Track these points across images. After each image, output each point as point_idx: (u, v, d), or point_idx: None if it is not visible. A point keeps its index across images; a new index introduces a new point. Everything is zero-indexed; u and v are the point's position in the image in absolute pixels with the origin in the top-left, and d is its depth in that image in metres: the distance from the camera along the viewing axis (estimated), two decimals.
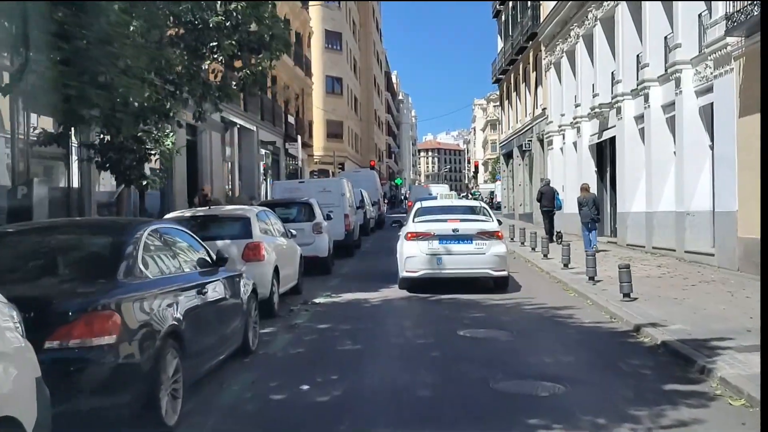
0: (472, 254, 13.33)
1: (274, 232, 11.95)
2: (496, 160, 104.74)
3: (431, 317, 10.91)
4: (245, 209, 11.26)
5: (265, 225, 11.53)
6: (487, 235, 13.47)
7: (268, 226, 11.71)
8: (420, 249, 13.39)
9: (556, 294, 13.02)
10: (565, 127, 28.53)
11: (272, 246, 11.20)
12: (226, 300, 7.35)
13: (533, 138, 34.86)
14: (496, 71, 45.42)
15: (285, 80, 38.37)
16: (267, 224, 11.71)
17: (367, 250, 23.42)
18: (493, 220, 14.24)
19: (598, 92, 23.96)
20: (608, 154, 24.80)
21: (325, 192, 20.64)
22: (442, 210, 14.94)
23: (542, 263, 17.43)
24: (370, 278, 15.86)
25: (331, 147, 54.25)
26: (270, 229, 11.77)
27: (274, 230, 12.07)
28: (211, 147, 25.53)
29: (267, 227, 11.61)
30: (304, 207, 16.90)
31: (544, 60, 31.82)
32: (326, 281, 15.37)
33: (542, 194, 23.66)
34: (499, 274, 13.48)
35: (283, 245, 12.08)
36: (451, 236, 13.41)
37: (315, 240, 16.27)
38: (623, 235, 21.71)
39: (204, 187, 18.85)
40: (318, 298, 12.73)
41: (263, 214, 11.85)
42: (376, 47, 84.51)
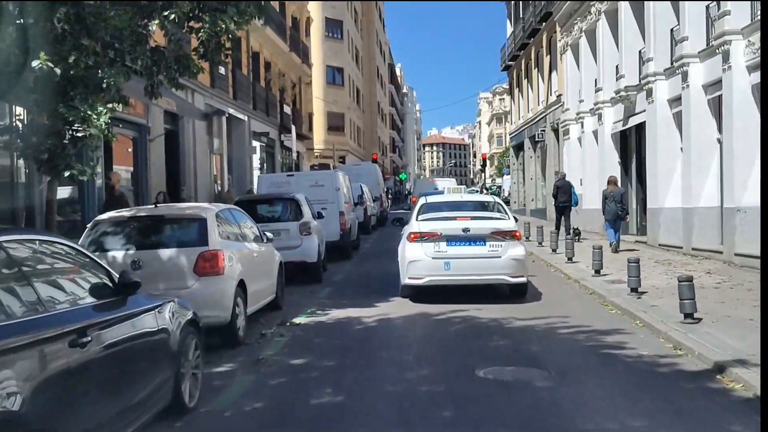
0: (486, 258, 11.04)
1: (242, 237, 9.51)
2: (503, 153, 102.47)
3: (440, 346, 8.47)
4: (202, 208, 8.80)
5: (229, 228, 9.10)
6: (503, 236, 11.12)
7: (233, 229, 9.27)
8: (425, 252, 11.04)
9: (594, 310, 10.57)
10: (584, 115, 26.00)
11: (237, 254, 8.78)
12: (136, 343, 4.93)
13: (547, 128, 32.34)
14: (505, 58, 42.85)
15: (280, 67, 35.92)
16: (232, 227, 9.27)
17: (366, 252, 20.99)
18: (510, 217, 11.82)
19: (623, 73, 21.44)
20: (634, 142, 22.31)
21: (318, 186, 18.21)
22: (450, 206, 12.52)
23: (567, 268, 14.96)
24: (368, 287, 13.46)
25: (332, 140, 51.81)
26: (236, 232, 9.33)
27: (243, 234, 9.63)
28: (195, 137, 23.08)
29: (231, 231, 9.17)
30: (289, 204, 14.46)
31: (560, 42, 29.26)
32: (315, 292, 12.96)
33: (558, 188, 21.77)
34: (517, 280, 11.17)
35: (255, 253, 9.65)
36: (461, 237, 11.08)
37: (302, 242, 13.86)
38: (654, 234, 19.22)
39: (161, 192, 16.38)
40: (300, 317, 10.32)
41: (228, 214, 9.41)
42: (378, 37, 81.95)
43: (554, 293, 12.19)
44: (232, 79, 27.69)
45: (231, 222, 9.28)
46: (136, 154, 19.23)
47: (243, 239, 9.43)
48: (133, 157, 19.23)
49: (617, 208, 17.25)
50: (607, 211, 17.61)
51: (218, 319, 8.04)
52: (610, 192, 17.62)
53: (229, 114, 27.40)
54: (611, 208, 17.38)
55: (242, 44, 29.17)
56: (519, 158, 42.66)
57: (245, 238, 9.58)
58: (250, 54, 30.33)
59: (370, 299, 11.79)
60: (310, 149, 51.83)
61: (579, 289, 12.65)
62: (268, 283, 10.23)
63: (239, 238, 9.32)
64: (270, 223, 13.94)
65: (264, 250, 10.31)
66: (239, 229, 9.47)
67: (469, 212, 12.04)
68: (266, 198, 15.70)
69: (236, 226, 9.40)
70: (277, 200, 15.04)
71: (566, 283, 13.45)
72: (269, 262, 10.47)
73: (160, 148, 20.26)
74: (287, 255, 13.42)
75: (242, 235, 9.48)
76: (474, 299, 11.32)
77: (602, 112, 23.55)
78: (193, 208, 8.98)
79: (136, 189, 19.20)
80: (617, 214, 17.33)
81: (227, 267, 8.24)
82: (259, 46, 31.89)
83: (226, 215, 9.22)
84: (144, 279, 7.03)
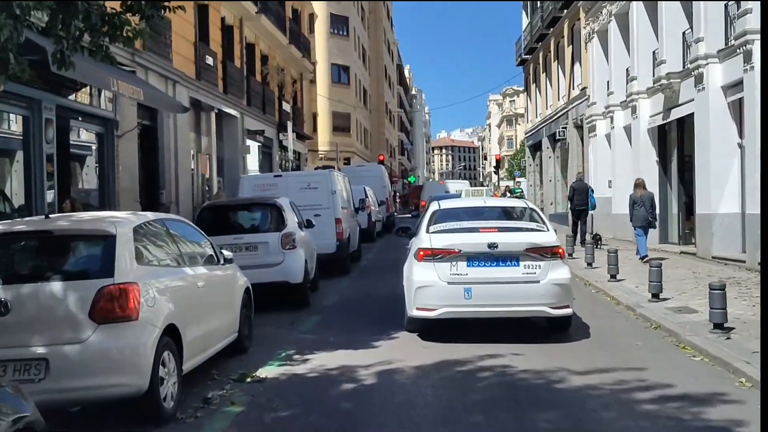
0: (520, 283, 8.33)
1: (181, 260, 6.72)
2: (513, 156, 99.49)
3: (466, 428, 5.68)
4: (114, 220, 6.00)
5: (156, 248, 6.32)
6: (542, 253, 8.39)
7: (165, 249, 6.49)
8: (438, 274, 8.33)
9: (672, 357, 7.73)
10: (614, 108, 23.16)
11: (167, 287, 6.03)
12: None
13: (569, 124, 29.48)
14: (520, 51, 40.00)
15: (279, 62, 33.24)
16: (163, 246, 6.48)
17: (368, 265, 18.20)
18: (549, 228, 9.00)
19: (664, 58, 18.60)
20: (676, 138, 19.49)
21: (310, 189, 15.46)
22: (470, 214, 9.67)
23: (613, 289, 12.13)
24: (366, 314, 10.73)
25: (337, 141, 49.12)
26: (170, 254, 6.55)
27: (185, 255, 6.84)
28: (176, 135, 20.38)
29: (161, 252, 6.40)
30: (268, 211, 11.69)
31: (585, 29, 26.42)
32: (298, 322, 10.21)
33: (574, 190, 20.17)
34: (561, 312, 8.47)
35: (201, 282, 6.85)
36: (487, 255, 8.35)
37: (284, 258, 11.09)
38: (706, 245, 16.34)
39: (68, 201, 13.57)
40: (268, 366, 7.58)
41: (158, 227, 6.63)
42: (386, 36, 79.27)
43: (606, 326, 9.39)
44: (223, 71, 25.01)
45: (162, 239, 6.51)
46: (102, 153, 16.52)
47: (182, 263, 6.66)
48: (98, 157, 16.54)
49: (647, 214, 15.60)
50: (635, 217, 15.83)
51: (128, 389, 5.32)
52: (639, 196, 15.87)
53: (219, 110, 24.77)
54: (640, 214, 15.69)
55: (234, 33, 26.54)
56: (536, 159, 39.80)
57: (187, 260, 6.80)
58: (243, 45, 27.67)
59: (368, 334, 9.06)
60: (314, 150, 49.23)
61: (636, 320, 9.82)
62: (225, 321, 7.48)
63: (176, 261, 6.56)
64: (244, 235, 11.25)
65: (220, 275, 7.57)
66: (177, 249, 6.69)
67: (496, 222, 9.27)
68: (239, 204, 12.94)
69: (171, 245, 6.62)
70: (253, 206, 12.29)
71: (617, 311, 10.61)
72: (227, 291, 7.73)
73: (132, 145, 17.55)
74: (265, 274, 10.77)
75: (182, 258, 6.70)
76: (503, 334, 8.61)
77: (637, 104, 20.72)
78: (99, 220, 6.18)
79: (101, 193, 16.52)
80: (648, 220, 15.68)
81: (145, 308, 5.50)
82: (255, 37, 29.24)
83: (154, 229, 6.46)
84: (11, 330, 4.47)
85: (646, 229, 15.85)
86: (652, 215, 15.86)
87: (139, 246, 5.88)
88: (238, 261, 10.81)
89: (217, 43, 24.63)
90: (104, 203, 16.28)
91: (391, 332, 9.12)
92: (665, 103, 18.99)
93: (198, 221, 11.38)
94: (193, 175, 23.04)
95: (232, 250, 10.85)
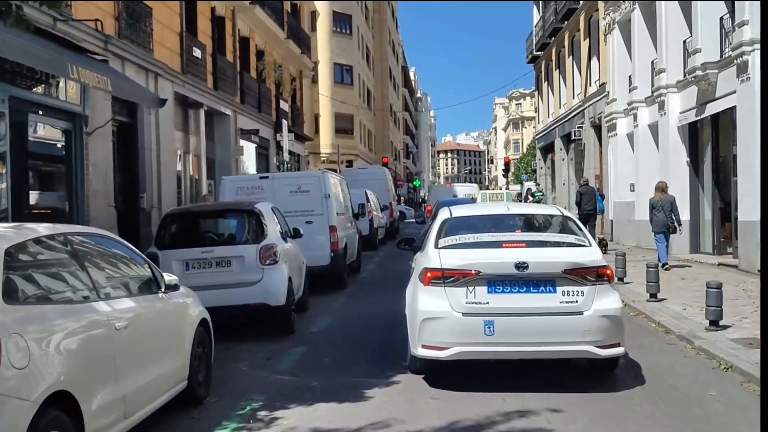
0: (557, 315, 6.37)
1: (91, 293, 4.73)
2: (520, 159, 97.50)
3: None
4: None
5: (44, 281, 4.37)
6: (585, 276, 6.43)
7: (62, 279, 4.52)
8: (451, 303, 6.40)
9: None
10: (638, 105, 21.22)
11: (61, 336, 4.11)
12: None
13: (585, 123, 27.52)
14: (531, 48, 38.07)
15: (276, 58, 31.37)
16: (62, 275, 4.50)
17: (368, 278, 16.24)
18: (591, 243, 7.03)
19: (699, 47, 16.64)
20: (710, 136, 17.56)
21: (301, 193, 13.55)
22: (489, 223, 7.67)
23: (657, 312, 10.16)
24: (361, 344, 8.83)
25: (340, 143, 47.27)
26: (72, 286, 4.57)
27: (100, 285, 4.88)
28: (159, 133, 18.48)
29: (54, 285, 4.43)
30: (245, 218, 9.74)
31: (604, 20, 24.49)
32: (276, 357, 8.28)
33: (581, 195, 19.94)
34: (611, 352, 6.53)
35: (123, 321, 4.90)
36: (514, 278, 6.40)
37: (263, 276, 9.17)
38: (750, 256, 14.36)
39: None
40: (224, 429, 5.68)
41: (54, 247, 4.64)
42: (391, 36, 77.47)
43: (662, 366, 7.45)
44: (213, 65, 23.15)
45: (61, 264, 4.58)
46: (69, 152, 14.63)
47: (93, 296, 4.72)
48: (64, 156, 14.65)
49: (667, 219, 14.99)
50: (654, 222, 15.22)
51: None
52: (657, 200, 15.25)
53: (209, 107, 22.91)
54: (660, 219, 15.09)
55: (226, 25, 24.70)
56: (547, 161, 37.86)
57: (102, 292, 4.88)
58: (236, 38, 25.81)
59: (361, 376, 7.18)
60: (316, 153, 47.43)
61: (698, 356, 7.86)
62: (166, 369, 5.58)
63: (81, 295, 4.63)
64: (214, 248, 9.32)
65: (158, 308, 5.67)
66: (87, 277, 4.76)
67: (523, 234, 7.34)
68: (210, 210, 11.00)
69: (77, 272, 4.70)
70: (227, 213, 10.36)
71: (668, 342, 8.65)
72: (170, 328, 5.82)
73: (106, 144, 15.68)
74: (239, 295, 8.90)
75: (93, 289, 4.76)
76: (532, 378, 6.77)
77: (665, 99, 18.78)
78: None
79: (68, 196, 14.64)
80: (668, 225, 15.03)
81: (12, 373, 3.60)
82: (249, 30, 27.40)
83: (48, 250, 4.53)
84: None
85: (667, 235, 15.15)
86: (672, 220, 15.04)
87: (14, 276, 3.99)
88: (207, 279, 9.01)
89: (207, 35, 22.77)
90: (72, 208, 14.43)
91: (390, 373, 7.21)
92: (699, 98, 17.06)
93: (160, 231, 9.53)
94: (179, 178, 21.18)
95: (200, 266, 9.03)
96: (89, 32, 14.58)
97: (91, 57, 14.10)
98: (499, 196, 31.65)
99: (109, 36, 15.29)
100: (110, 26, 15.68)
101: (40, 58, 10.30)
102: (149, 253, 9.26)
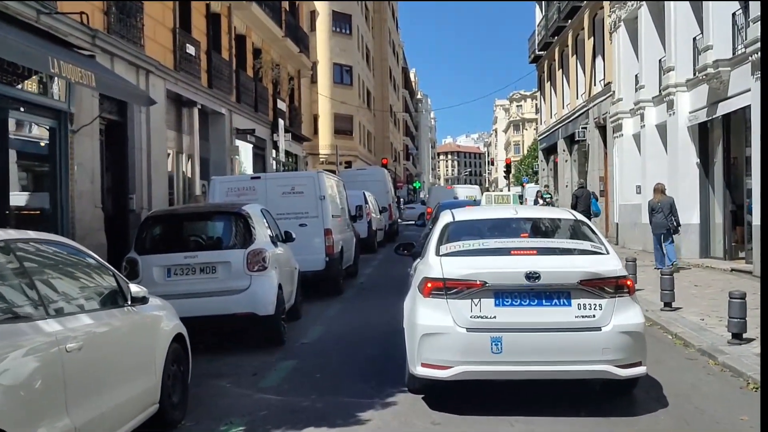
0: (573, 330, 5.70)
1: (36, 310, 4.01)
2: (521, 161, 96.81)
3: None
4: None
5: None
6: (604, 287, 5.78)
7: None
8: (454, 317, 5.76)
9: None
10: (645, 104, 20.58)
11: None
12: None
13: (590, 124, 26.87)
14: (533, 47, 37.41)
15: (274, 56, 30.73)
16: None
17: (366, 282, 15.56)
18: (609, 250, 6.36)
19: (711, 44, 16.00)
20: (722, 136, 16.90)
21: (294, 194, 12.90)
22: (495, 228, 7.05)
23: (673, 322, 9.51)
24: (356, 357, 8.18)
25: (339, 144, 46.64)
26: (12, 303, 3.91)
27: (50, 300, 4.16)
28: (150, 132, 17.83)
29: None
30: (232, 221, 9.09)
31: (609, 18, 23.84)
32: (262, 372, 7.62)
33: (577, 198, 19.90)
34: (632, 372, 5.85)
35: (76, 341, 4.15)
36: (524, 289, 5.75)
37: (250, 283, 8.51)
38: None
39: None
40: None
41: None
42: (391, 36, 76.85)
43: (684, 384, 6.80)
44: (207, 63, 22.50)
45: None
46: (53, 151, 13.97)
47: (41, 314, 4.04)
48: (49, 155, 14.00)
49: (666, 220, 14.91)
50: (654, 224, 15.20)
51: None
52: (656, 202, 15.23)
53: (203, 106, 22.27)
54: (658, 221, 15.04)
55: (221, 22, 24.07)
56: (549, 163, 37.20)
57: (54, 308, 4.21)
58: (232, 36, 25.18)
59: (355, 394, 6.54)
60: (315, 154, 46.82)
61: (722, 373, 7.20)
62: (132, 392, 4.92)
63: (25, 312, 3.96)
64: (198, 252, 8.66)
65: (123, 324, 5.00)
66: (33, 291, 4.08)
67: (534, 240, 6.69)
68: (195, 212, 10.33)
69: (20, 286, 4.02)
70: (213, 215, 9.70)
71: (689, 357, 7.99)
72: (136, 347, 5.16)
73: (93, 143, 15.02)
74: (225, 304, 8.28)
75: (41, 305, 4.07)
76: (542, 398, 6.17)
77: (674, 98, 18.13)
78: None
79: (53, 197, 13.98)
80: (667, 227, 14.91)
81: None
82: (246, 28, 26.77)
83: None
84: None
85: (666, 237, 15.01)
86: (671, 221, 14.92)
87: None
88: (190, 286, 8.37)
89: (201, 32, 22.14)
90: (56, 209, 13.78)
91: (387, 392, 6.56)
92: (710, 96, 16.41)
93: (140, 234, 8.88)
94: (172, 179, 20.55)
95: (182, 272, 8.39)
96: (76, 26, 13.94)
97: (77, 52, 13.45)
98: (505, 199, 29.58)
99: (96, 30, 14.64)
100: (99, 21, 15.05)
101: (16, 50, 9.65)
102: (128, 258, 8.64)
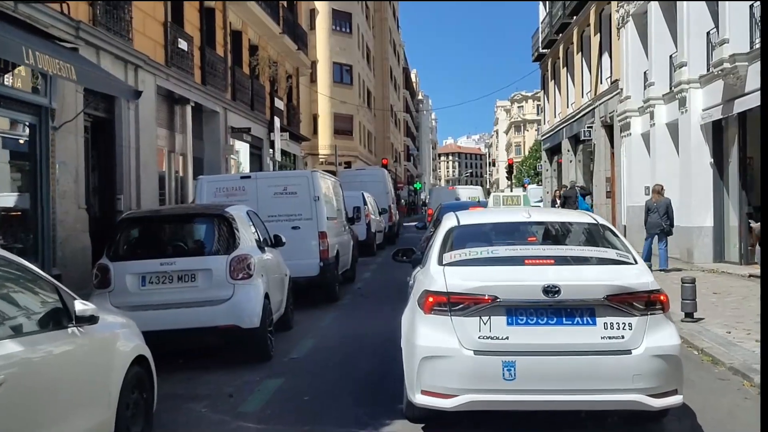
0: (598, 354, 4.89)
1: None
2: (522, 162, 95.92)
3: None
4: None
5: None
6: (633, 302, 4.99)
7: None
8: (460, 338, 4.97)
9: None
10: (654, 102, 19.80)
11: None
12: None
13: (596, 123, 26.08)
14: (537, 45, 36.61)
15: (271, 54, 29.96)
16: None
17: (363, 288, 14.71)
18: (636, 260, 5.55)
19: (727, 37, 15.21)
20: (737, 135, 16.11)
21: (287, 195, 12.10)
22: (506, 233, 6.27)
23: (697, 336, 8.71)
24: (348, 376, 7.38)
25: (339, 144, 45.88)
26: None
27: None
28: (139, 130, 17.05)
29: None
30: (214, 224, 8.29)
31: (617, 13, 23.06)
32: (242, 393, 6.82)
33: (566, 198, 20.34)
34: (666, 402, 5.03)
35: (2, 372, 3.49)
36: (541, 306, 4.95)
37: (233, 293, 7.72)
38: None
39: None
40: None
41: None
42: (392, 36, 76.11)
43: (719, 410, 6.02)
44: (201, 59, 21.72)
45: None
46: (34, 149, 13.19)
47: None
48: (29, 153, 13.21)
49: (661, 220, 15.19)
50: (649, 223, 15.47)
51: None
52: (654, 202, 15.49)
53: (196, 103, 21.48)
54: (653, 221, 15.32)
55: (216, 17, 23.28)
56: (553, 163, 36.40)
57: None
58: (228, 31, 24.39)
59: (346, 423, 5.76)
60: (314, 154, 46.08)
61: (759, 395, 6.43)
62: (76, 430, 4.13)
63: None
64: (176, 259, 7.85)
65: (64, 348, 4.20)
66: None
67: (550, 248, 5.90)
68: (173, 214, 9.52)
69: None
70: (193, 217, 8.90)
71: (719, 377, 7.19)
72: (83, 374, 4.37)
73: (77, 140, 14.24)
74: (205, 315, 7.52)
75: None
76: (558, 429, 5.30)
77: (687, 95, 17.34)
78: None
79: (33, 197, 13.19)
80: (661, 227, 15.19)
81: None
82: (242, 24, 25.99)
83: None
84: None
85: (661, 237, 15.22)
86: (665, 221, 15.15)
87: None
88: (167, 296, 7.58)
89: (195, 26, 21.35)
90: (36, 210, 13.00)
91: (382, 420, 5.77)
92: (725, 93, 15.63)
93: (113, 238, 8.09)
94: (163, 178, 19.75)
95: (158, 280, 7.58)
96: (57, 17, 13.15)
97: (58, 44, 12.67)
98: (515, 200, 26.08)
99: (80, 22, 13.86)
100: (84, 12, 14.28)
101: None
102: (99, 265, 7.85)
